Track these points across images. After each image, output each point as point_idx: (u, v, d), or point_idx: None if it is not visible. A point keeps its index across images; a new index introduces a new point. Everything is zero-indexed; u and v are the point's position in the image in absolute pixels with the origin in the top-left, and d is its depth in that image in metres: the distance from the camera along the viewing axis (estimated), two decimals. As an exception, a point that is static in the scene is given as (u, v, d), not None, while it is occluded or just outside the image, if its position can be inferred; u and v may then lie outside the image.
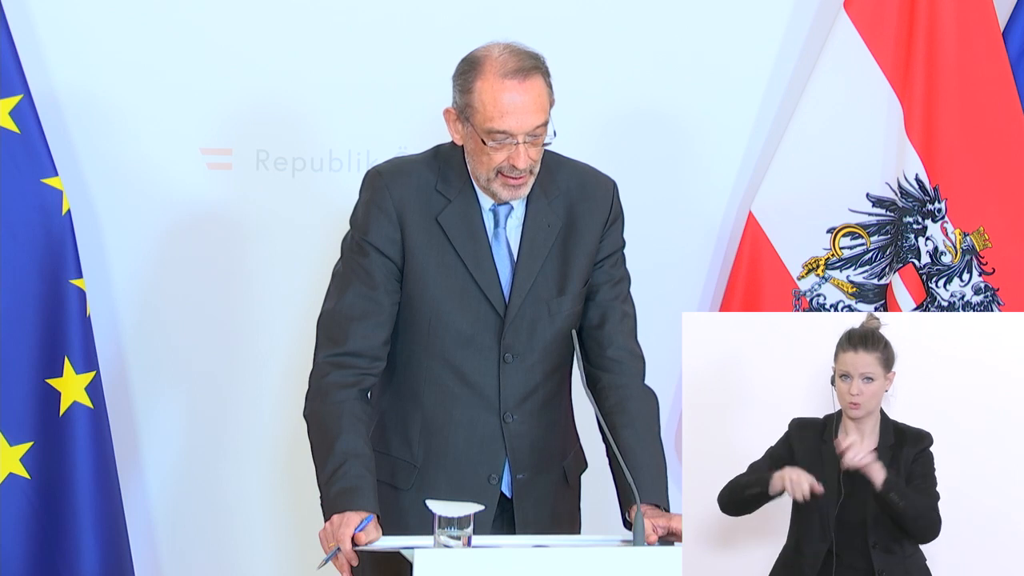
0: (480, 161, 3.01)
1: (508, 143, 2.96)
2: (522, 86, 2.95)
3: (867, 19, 4.02)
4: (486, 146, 2.96)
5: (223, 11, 3.96)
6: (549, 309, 3.10)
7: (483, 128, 2.96)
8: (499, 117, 2.94)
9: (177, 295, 4.00)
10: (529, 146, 2.97)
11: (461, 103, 3.00)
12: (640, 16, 4.09)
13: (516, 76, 2.95)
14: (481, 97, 2.95)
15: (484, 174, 3.01)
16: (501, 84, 2.94)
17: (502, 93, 2.94)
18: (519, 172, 2.99)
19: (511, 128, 2.94)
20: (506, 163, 2.98)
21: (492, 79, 2.95)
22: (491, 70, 2.96)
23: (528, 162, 2.98)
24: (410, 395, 3.11)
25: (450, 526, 2.73)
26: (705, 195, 4.18)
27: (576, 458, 3.24)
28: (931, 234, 4.04)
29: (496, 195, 3.04)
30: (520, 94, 2.95)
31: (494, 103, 2.94)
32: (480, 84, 2.96)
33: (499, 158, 2.98)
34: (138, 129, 3.95)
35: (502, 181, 3.00)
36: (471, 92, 2.97)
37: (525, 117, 2.95)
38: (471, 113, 2.97)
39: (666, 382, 3.48)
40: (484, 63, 2.97)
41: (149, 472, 4.04)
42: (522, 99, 2.95)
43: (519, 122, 2.94)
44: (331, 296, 3.10)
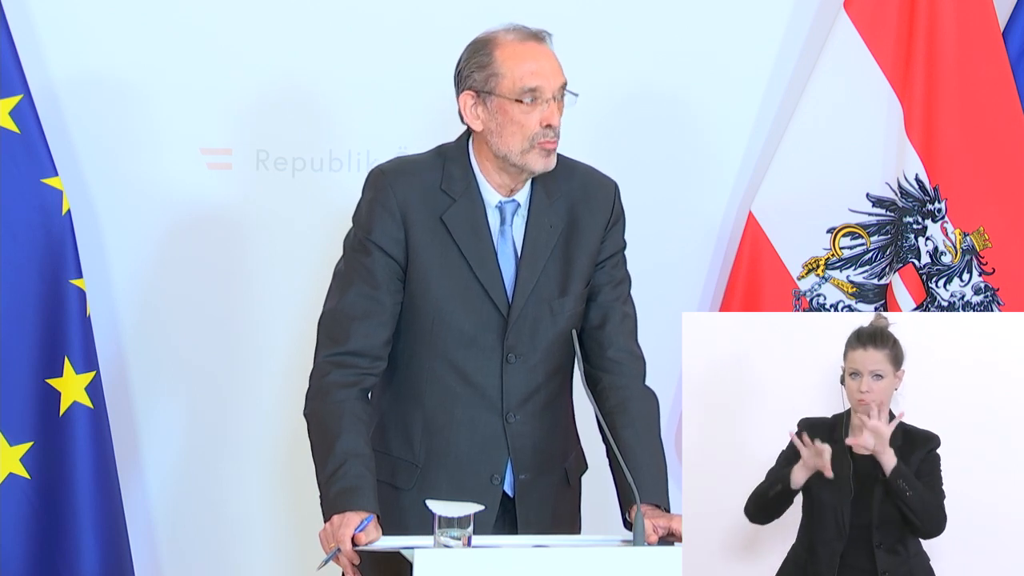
0: (512, 132, 3.02)
1: (540, 101, 3.00)
2: (540, 47, 3.04)
3: (867, 19, 4.03)
4: (521, 105, 2.99)
5: (223, 11, 3.96)
6: (551, 309, 3.10)
7: (516, 89, 2.99)
8: (529, 75, 3.00)
9: (177, 295, 4.00)
10: (555, 104, 3.01)
11: (481, 79, 3.02)
12: (640, 16, 4.09)
13: (533, 39, 3.04)
14: (506, 63, 3.01)
15: (519, 145, 3.02)
16: (523, 46, 3.03)
17: (526, 53, 3.02)
18: (553, 134, 3.02)
19: (541, 84, 3.00)
20: (539, 127, 3.00)
21: (512, 45, 3.02)
22: (507, 39, 3.03)
23: (559, 120, 3.02)
24: (412, 395, 3.11)
25: (450, 526, 2.73)
26: (705, 195, 4.18)
27: (577, 459, 3.24)
28: (931, 234, 4.04)
29: (531, 167, 3.04)
30: (542, 54, 3.04)
31: (522, 62, 3.01)
32: (500, 53, 3.02)
33: (533, 121, 3.00)
34: (138, 129, 3.95)
35: (538, 149, 3.02)
36: (492, 63, 3.01)
37: (551, 75, 3.02)
38: (496, 82, 3.00)
39: (666, 382, 3.48)
40: (496, 37, 3.04)
41: (149, 472, 4.04)
42: (545, 58, 3.03)
43: (547, 79, 3.01)
44: (333, 295, 3.10)
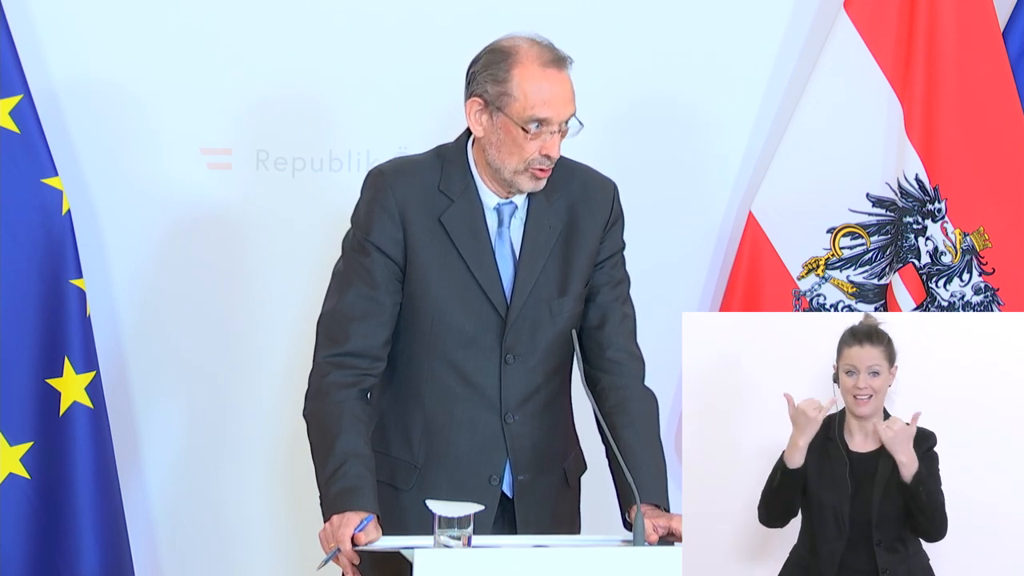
0: (511, 152, 3.01)
1: (544, 132, 2.98)
2: (560, 75, 2.99)
3: (867, 19, 4.02)
4: (524, 134, 2.98)
5: (223, 11, 3.96)
6: (550, 310, 3.10)
7: (523, 116, 2.97)
8: (541, 105, 2.97)
9: (177, 295, 4.00)
10: (559, 136, 3.00)
11: (494, 93, 3.00)
12: (640, 16, 4.09)
13: (554, 65, 2.99)
14: (523, 86, 2.97)
15: (513, 165, 3.02)
16: (543, 73, 2.98)
17: (544, 81, 2.97)
18: (549, 163, 3.01)
19: (551, 116, 2.97)
20: (537, 155, 2.99)
21: (532, 67, 2.98)
22: (528, 59, 2.99)
23: (558, 153, 3.01)
24: (411, 395, 3.11)
25: (450, 526, 2.73)
26: (705, 195, 4.18)
27: (576, 460, 3.24)
28: (931, 234, 4.04)
29: (519, 186, 3.04)
30: (559, 83, 2.99)
31: (538, 91, 2.97)
32: (519, 72, 2.98)
33: (533, 148, 2.99)
34: (138, 129, 3.95)
35: (531, 173, 3.01)
36: (508, 81, 2.98)
37: (563, 106, 2.99)
38: (507, 102, 2.98)
39: (666, 382, 3.48)
40: (519, 52, 3.00)
41: (149, 472, 4.04)
42: (561, 88, 2.99)
43: (558, 111, 2.98)
44: (332, 296, 3.10)
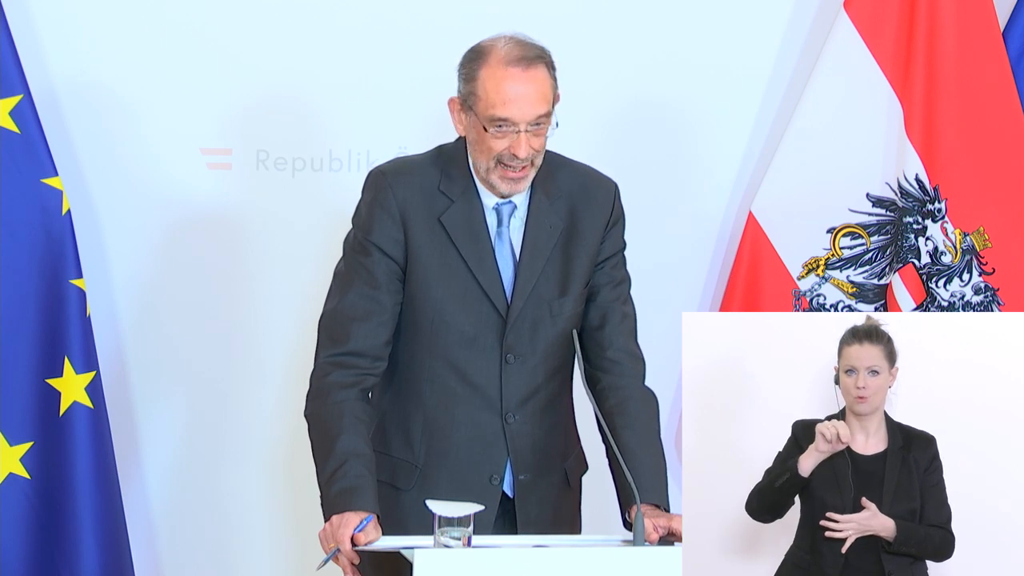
0: (481, 150, 3.01)
1: (510, 131, 2.96)
2: (525, 74, 2.96)
3: (867, 19, 4.03)
4: (487, 134, 2.97)
5: (223, 11, 3.96)
6: (551, 310, 3.10)
7: (485, 116, 2.96)
8: (501, 105, 2.95)
9: (177, 295, 4.00)
10: (531, 136, 2.97)
11: (465, 91, 3.01)
12: (640, 16, 4.09)
13: (519, 64, 2.96)
14: (484, 85, 2.96)
15: (484, 163, 3.02)
16: (505, 72, 2.96)
17: (505, 81, 2.95)
18: (519, 162, 2.99)
19: (513, 116, 2.95)
20: (506, 152, 2.98)
21: (496, 67, 2.96)
22: (495, 59, 2.97)
23: (529, 152, 2.98)
24: (412, 395, 3.11)
25: (450, 526, 2.73)
26: (705, 195, 4.18)
27: (577, 460, 3.24)
28: (931, 234, 4.04)
29: (495, 187, 3.04)
30: (523, 83, 2.96)
31: (497, 91, 2.95)
32: (484, 72, 2.97)
33: (500, 146, 2.98)
34: (138, 129, 3.95)
35: (500, 173, 3.01)
36: (475, 80, 2.98)
37: (527, 106, 2.96)
38: (474, 101, 2.98)
39: (666, 382, 3.48)
40: (489, 52, 2.99)
41: (149, 472, 4.04)
42: (525, 88, 2.96)
43: (521, 111, 2.95)
44: (333, 296, 3.10)
